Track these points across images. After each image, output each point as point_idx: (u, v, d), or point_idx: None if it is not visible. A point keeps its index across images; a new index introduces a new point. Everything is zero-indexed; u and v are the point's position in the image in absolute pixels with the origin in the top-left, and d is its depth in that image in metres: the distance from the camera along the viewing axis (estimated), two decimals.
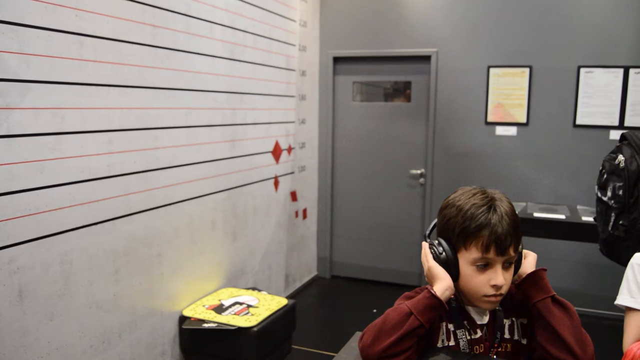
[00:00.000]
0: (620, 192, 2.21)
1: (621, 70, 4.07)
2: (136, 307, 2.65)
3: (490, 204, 1.26)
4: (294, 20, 4.25)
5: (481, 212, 1.24)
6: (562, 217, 3.36)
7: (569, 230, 3.28)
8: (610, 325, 3.92)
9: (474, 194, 1.30)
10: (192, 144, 3.03)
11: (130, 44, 2.52)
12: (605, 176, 2.32)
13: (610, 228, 2.28)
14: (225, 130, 3.33)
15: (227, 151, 3.37)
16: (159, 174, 2.76)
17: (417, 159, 4.74)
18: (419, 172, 4.72)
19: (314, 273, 5.08)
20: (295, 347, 3.40)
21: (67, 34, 2.18)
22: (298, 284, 4.71)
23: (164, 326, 2.87)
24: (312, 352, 3.48)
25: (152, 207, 2.72)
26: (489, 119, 4.43)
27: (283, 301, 3.10)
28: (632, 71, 4.04)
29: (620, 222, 2.25)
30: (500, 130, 4.42)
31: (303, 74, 4.54)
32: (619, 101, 4.11)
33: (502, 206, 1.26)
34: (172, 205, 2.88)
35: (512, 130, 4.39)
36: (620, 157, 2.26)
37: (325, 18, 4.83)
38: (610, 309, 1.50)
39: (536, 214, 3.41)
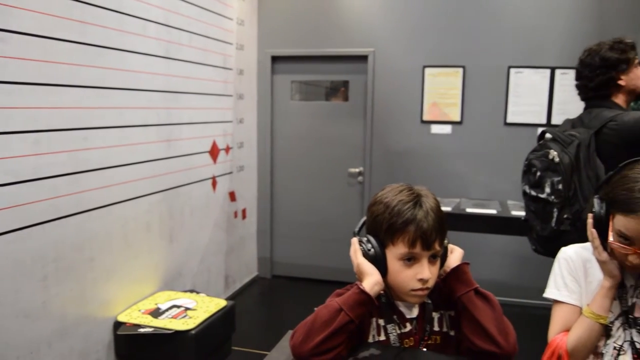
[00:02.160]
0: (560, 187, 2.27)
1: (548, 71, 4.26)
2: (67, 314, 2.55)
3: (416, 200, 1.29)
4: (231, 19, 4.20)
5: (407, 208, 1.27)
6: (494, 211, 3.49)
7: (500, 224, 3.41)
8: (541, 315, 4.08)
9: (401, 191, 1.32)
10: (125, 145, 2.94)
11: (58, 41, 2.42)
12: (539, 174, 2.38)
13: (553, 224, 2.32)
14: (160, 130, 3.26)
15: (162, 151, 3.30)
16: (90, 176, 2.67)
17: (356, 158, 4.79)
18: (357, 170, 4.78)
19: (255, 273, 5.05)
20: (236, 348, 3.37)
21: None
22: (238, 285, 4.67)
23: (97, 333, 2.78)
24: (252, 352, 3.46)
25: (83, 210, 2.62)
26: (425, 118, 4.54)
27: (222, 303, 3.06)
28: (558, 71, 4.24)
29: (565, 216, 2.29)
30: (435, 129, 4.54)
31: (241, 73, 4.50)
32: (547, 100, 4.31)
33: (428, 202, 1.29)
34: (105, 208, 2.79)
35: (447, 129, 4.52)
36: (553, 153, 2.31)
37: (263, 17, 4.80)
38: (541, 299, 1.59)
39: (469, 210, 3.53)
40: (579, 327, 1.47)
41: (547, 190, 2.33)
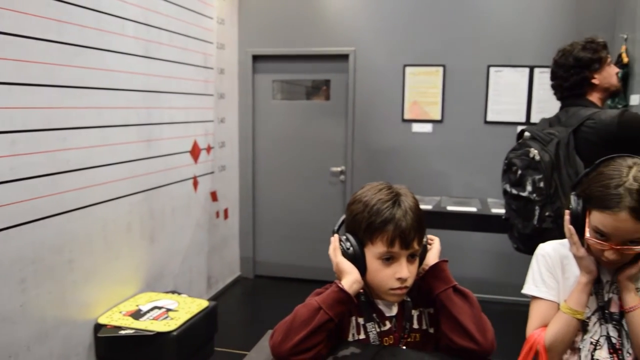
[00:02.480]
0: (541, 184, 2.30)
1: (527, 70, 4.32)
2: (46, 317, 2.51)
3: (395, 199, 1.29)
4: (211, 18, 4.18)
5: (386, 208, 1.27)
6: (474, 209, 3.52)
7: (480, 222, 3.44)
8: (522, 312, 4.13)
9: (380, 190, 1.32)
10: (105, 145, 2.91)
11: (35, 40, 2.39)
12: (520, 172, 2.41)
13: (535, 222, 2.34)
14: (140, 130, 3.23)
15: (142, 151, 3.27)
16: (69, 177, 2.63)
17: (337, 157, 4.80)
18: (339, 169, 4.79)
19: (237, 273, 5.04)
20: (218, 349, 3.35)
21: None
22: (221, 285, 4.65)
23: (78, 335, 2.75)
24: (235, 353, 3.45)
25: (62, 211, 2.59)
26: (406, 117, 4.57)
27: (204, 303, 3.05)
28: (537, 70, 4.29)
29: (547, 213, 2.31)
30: (416, 128, 4.56)
31: (221, 72, 4.48)
32: (526, 99, 4.36)
33: (407, 201, 1.30)
34: (85, 209, 2.76)
35: (427, 127, 4.55)
36: (534, 151, 2.34)
37: (243, 16, 4.79)
38: (522, 296, 1.61)
39: (449, 208, 3.55)
40: (556, 322, 1.49)
41: (529, 188, 2.36)
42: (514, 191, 2.44)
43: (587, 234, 1.42)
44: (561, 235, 1.98)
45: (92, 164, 2.81)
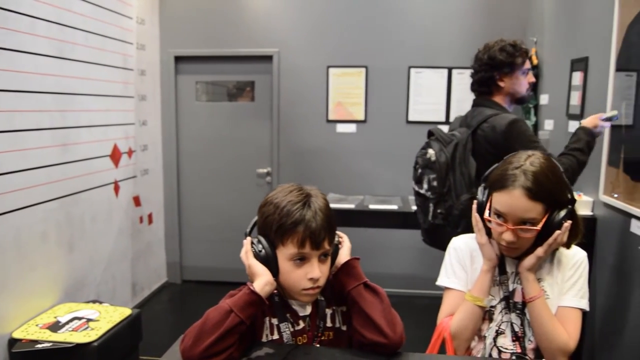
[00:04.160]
0: (435, 183, 2.44)
1: (446, 71, 4.48)
2: None
3: (305, 200, 1.31)
4: (130, 18, 4.06)
5: (296, 209, 1.29)
6: (395, 207, 3.62)
7: (401, 219, 3.54)
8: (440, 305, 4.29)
9: (291, 191, 1.34)
10: (17, 150, 2.77)
11: None
12: (420, 171, 2.55)
13: (430, 218, 2.50)
14: (55, 134, 3.09)
15: (58, 156, 3.13)
16: None
17: (263, 158, 4.79)
18: (265, 170, 4.78)
19: (164, 279, 4.93)
20: (143, 357, 3.26)
21: None
22: (147, 292, 4.53)
23: None
24: None
25: None
26: (330, 117, 4.63)
27: (127, 311, 2.96)
28: (455, 71, 4.47)
29: (439, 210, 2.48)
30: (340, 128, 4.63)
31: (142, 73, 4.36)
32: (445, 99, 4.52)
33: (317, 202, 1.32)
34: None
35: (352, 128, 4.63)
36: (431, 152, 2.50)
37: (165, 16, 4.68)
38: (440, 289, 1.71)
39: (371, 206, 3.63)
40: (460, 310, 1.57)
41: (425, 186, 2.51)
42: (416, 188, 2.59)
43: (487, 214, 1.51)
44: (451, 232, 2.14)
45: (3, 170, 2.66)
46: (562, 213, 1.45)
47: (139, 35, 4.27)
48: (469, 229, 2.12)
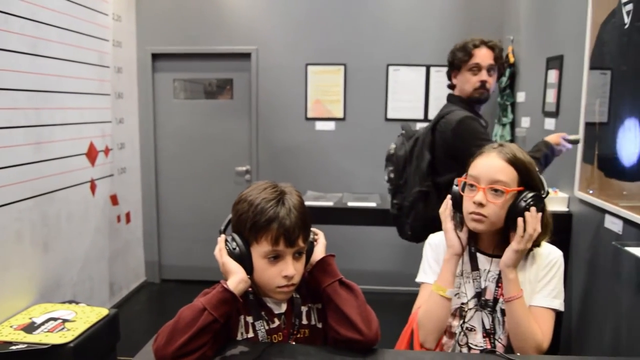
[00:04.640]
0: (392, 175, 2.58)
1: (424, 69, 4.51)
2: None
3: (280, 197, 1.31)
4: (106, 14, 4.01)
5: (270, 207, 1.29)
6: (373, 204, 3.63)
7: (379, 216, 3.56)
8: None
9: (265, 189, 1.34)
10: None
11: None
12: (385, 163, 2.69)
13: (390, 208, 2.67)
14: (28, 132, 3.04)
15: (32, 155, 3.08)
16: None
17: (242, 156, 4.77)
18: (244, 169, 4.77)
19: (143, 279, 4.88)
20: (121, 358, 3.23)
21: None
22: (125, 292, 4.48)
23: None
24: None
25: None
26: (309, 115, 4.63)
27: (103, 312, 2.93)
28: (432, 69, 4.49)
29: (395, 201, 2.63)
30: (319, 126, 4.63)
31: (119, 71, 4.31)
32: (423, 96, 4.55)
33: (291, 200, 1.32)
34: None
35: (330, 125, 4.63)
36: (392, 146, 2.65)
37: (141, 13, 4.63)
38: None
39: (350, 203, 3.64)
40: (427, 300, 1.58)
41: (385, 178, 2.69)
42: (385, 179, 2.75)
43: (461, 189, 1.55)
44: (405, 222, 2.39)
45: None
46: (532, 194, 1.47)
47: (116, 32, 4.22)
48: (418, 220, 2.26)
